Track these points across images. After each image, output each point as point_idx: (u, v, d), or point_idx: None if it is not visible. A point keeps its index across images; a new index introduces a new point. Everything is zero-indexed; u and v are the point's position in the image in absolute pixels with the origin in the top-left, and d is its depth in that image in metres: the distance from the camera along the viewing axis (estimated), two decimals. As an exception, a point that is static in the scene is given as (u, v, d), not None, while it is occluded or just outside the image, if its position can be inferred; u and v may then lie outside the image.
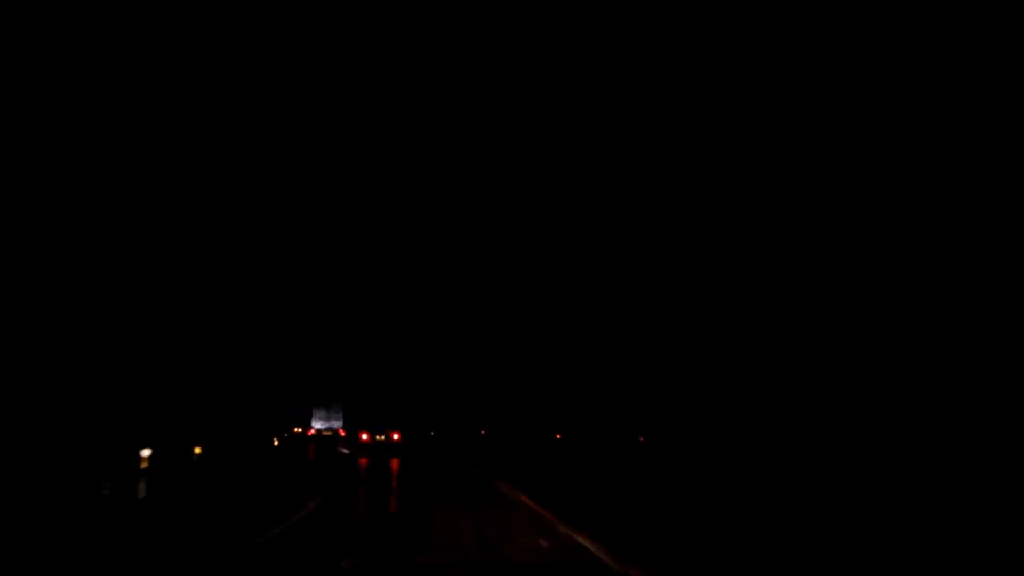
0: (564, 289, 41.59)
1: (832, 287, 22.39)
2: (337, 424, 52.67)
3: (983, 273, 17.21)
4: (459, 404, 59.16)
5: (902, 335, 19.05)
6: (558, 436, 42.44)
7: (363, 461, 30.85)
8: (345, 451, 43.37)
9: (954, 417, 16.60)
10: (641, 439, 33.78)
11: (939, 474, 15.54)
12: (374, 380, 56.71)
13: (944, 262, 18.08)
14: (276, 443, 40.08)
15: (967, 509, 11.73)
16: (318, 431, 52.47)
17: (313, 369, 58.16)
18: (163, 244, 31.81)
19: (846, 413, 20.16)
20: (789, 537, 9.86)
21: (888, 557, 8.26)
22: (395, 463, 29.53)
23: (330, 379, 57.15)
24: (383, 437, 43.56)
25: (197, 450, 26.99)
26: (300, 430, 55.27)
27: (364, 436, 44.32)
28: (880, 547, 8.96)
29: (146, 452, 15.46)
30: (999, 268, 16.85)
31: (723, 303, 27.46)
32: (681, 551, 9.01)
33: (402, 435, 44.01)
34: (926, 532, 9.80)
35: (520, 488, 16.91)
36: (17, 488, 15.02)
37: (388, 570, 7.95)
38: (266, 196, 39.60)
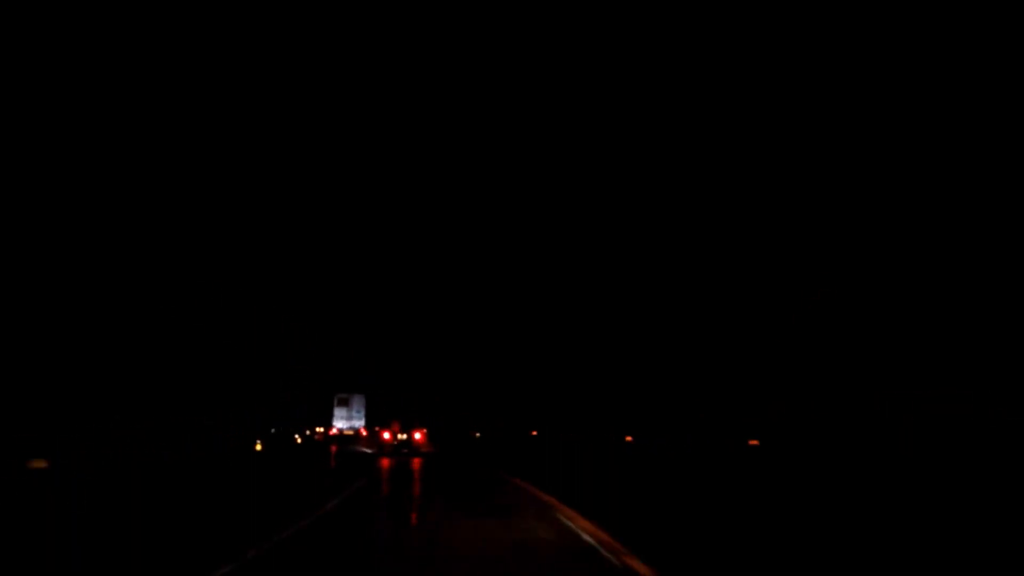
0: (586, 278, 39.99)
1: (832, 287, 22.38)
2: (359, 424, 52.28)
3: (983, 272, 17.19)
4: (504, 402, 57.20)
5: (903, 335, 19.03)
6: (628, 439, 34.68)
7: (384, 463, 29.79)
8: (367, 451, 42.60)
9: (954, 417, 16.58)
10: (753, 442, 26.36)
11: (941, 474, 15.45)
12: (374, 380, 56.45)
13: (944, 261, 18.06)
14: (259, 448, 39.31)
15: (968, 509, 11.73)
16: (340, 431, 51.86)
17: (313, 369, 58.03)
18: (163, 244, 31.77)
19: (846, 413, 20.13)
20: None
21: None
22: (418, 467, 27.70)
23: (330, 379, 56.99)
24: (405, 436, 42.51)
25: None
26: (322, 430, 54.39)
27: (386, 435, 43.53)
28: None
29: None
30: (999, 267, 16.83)
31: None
32: None
33: (427, 435, 42.82)
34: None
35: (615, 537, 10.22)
36: None
37: None
38: (266, 196, 39.55)
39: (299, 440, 50.15)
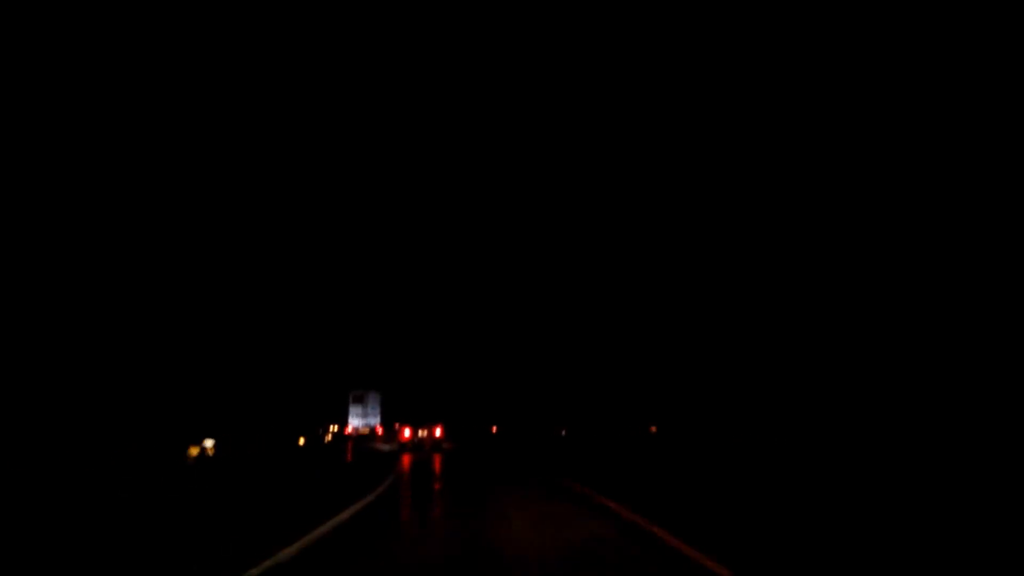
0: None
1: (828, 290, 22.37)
2: (374, 421, 51.61)
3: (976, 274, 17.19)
4: (519, 399, 53.19)
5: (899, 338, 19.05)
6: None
7: (406, 460, 27.13)
8: (384, 448, 41.14)
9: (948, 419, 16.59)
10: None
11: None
12: (369, 382, 55.99)
13: (938, 264, 18.06)
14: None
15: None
16: (355, 429, 50.88)
17: (314, 371, 57.46)
18: (167, 246, 31.85)
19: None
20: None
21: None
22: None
23: (335, 379, 56.39)
24: (426, 433, 40.68)
25: None
26: (336, 428, 52.70)
27: (407, 432, 42.01)
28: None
29: None
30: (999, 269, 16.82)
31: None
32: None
33: (444, 432, 40.73)
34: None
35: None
36: None
37: None
38: (272, 196, 39.60)
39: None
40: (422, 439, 40.15)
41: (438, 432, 39.86)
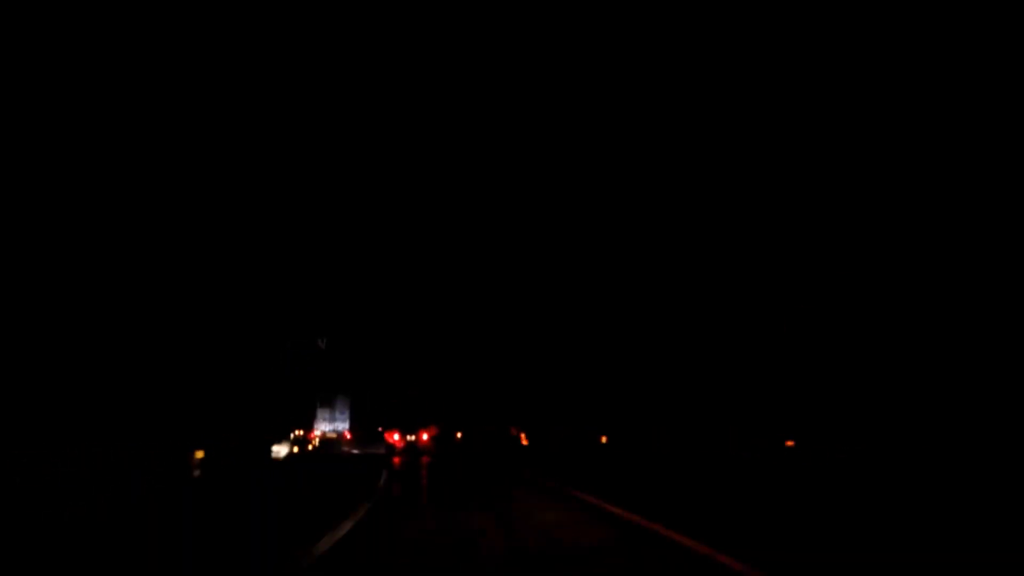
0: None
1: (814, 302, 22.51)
2: (343, 426, 49.94)
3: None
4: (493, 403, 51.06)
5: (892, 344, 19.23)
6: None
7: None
8: (355, 451, 39.97)
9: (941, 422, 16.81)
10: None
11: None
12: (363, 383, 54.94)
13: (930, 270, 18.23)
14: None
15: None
16: (323, 433, 48.39)
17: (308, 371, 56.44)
18: (156, 243, 31.71)
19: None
20: None
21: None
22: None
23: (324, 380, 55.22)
24: (413, 438, 39.92)
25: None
26: (302, 433, 49.01)
27: (395, 437, 41.20)
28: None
29: None
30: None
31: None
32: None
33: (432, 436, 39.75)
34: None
35: None
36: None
37: None
38: (265, 194, 39.43)
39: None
40: (411, 443, 40.05)
41: (425, 437, 39.68)
